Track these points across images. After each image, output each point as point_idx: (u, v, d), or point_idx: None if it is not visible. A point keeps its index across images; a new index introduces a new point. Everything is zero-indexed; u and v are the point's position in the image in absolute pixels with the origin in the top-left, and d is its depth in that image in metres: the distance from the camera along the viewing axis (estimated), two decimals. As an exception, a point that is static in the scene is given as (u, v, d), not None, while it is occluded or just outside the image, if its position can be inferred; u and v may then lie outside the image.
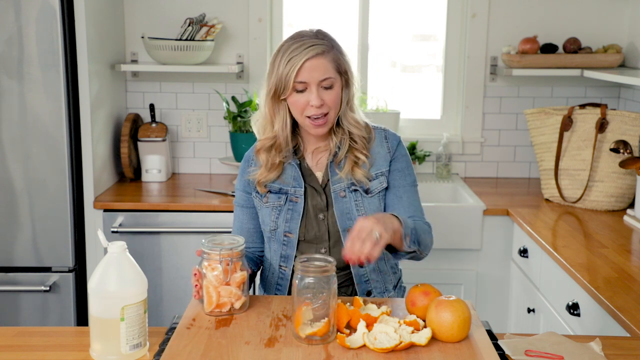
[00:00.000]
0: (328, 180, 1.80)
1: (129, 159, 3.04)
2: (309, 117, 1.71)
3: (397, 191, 1.82)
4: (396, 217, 1.63)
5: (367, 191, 1.79)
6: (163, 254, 2.78)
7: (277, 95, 1.72)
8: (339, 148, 1.79)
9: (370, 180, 1.79)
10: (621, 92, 3.22)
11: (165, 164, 3.14)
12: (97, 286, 1.36)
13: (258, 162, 1.82)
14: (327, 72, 1.69)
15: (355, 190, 1.79)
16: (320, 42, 1.70)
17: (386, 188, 1.82)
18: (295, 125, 1.81)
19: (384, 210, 1.81)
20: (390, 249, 1.70)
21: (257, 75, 3.23)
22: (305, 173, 1.82)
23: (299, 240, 1.80)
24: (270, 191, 1.81)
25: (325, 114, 1.72)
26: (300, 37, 1.71)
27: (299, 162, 1.82)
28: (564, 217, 2.67)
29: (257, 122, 1.82)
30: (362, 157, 1.78)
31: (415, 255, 1.76)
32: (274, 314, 1.57)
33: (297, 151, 1.84)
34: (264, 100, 1.77)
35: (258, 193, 1.83)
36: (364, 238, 1.50)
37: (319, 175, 1.82)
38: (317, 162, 1.83)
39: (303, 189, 1.79)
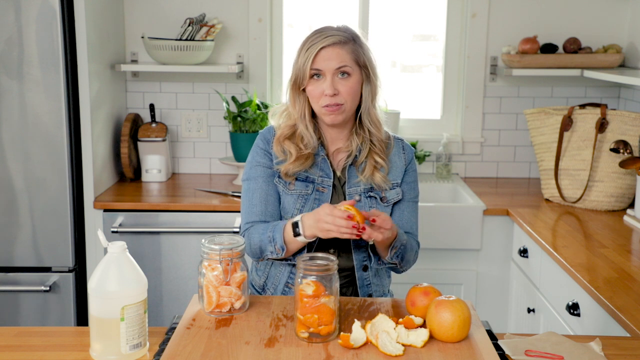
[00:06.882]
0: (345, 182, 1.80)
1: (129, 159, 3.04)
2: (324, 106, 1.72)
3: (401, 204, 1.83)
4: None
5: (382, 199, 1.79)
6: (163, 254, 2.78)
7: (298, 85, 1.74)
8: (359, 151, 1.79)
9: (389, 188, 1.80)
10: (621, 92, 3.22)
11: (165, 164, 3.14)
12: (97, 286, 1.36)
13: (283, 151, 1.77)
14: (343, 61, 1.70)
15: (372, 197, 1.79)
16: (339, 34, 1.71)
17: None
18: (316, 121, 1.80)
19: None
20: (373, 251, 1.77)
21: (257, 75, 3.23)
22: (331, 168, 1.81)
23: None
24: (296, 178, 1.78)
25: (340, 104, 1.71)
26: (322, 29, 1.73)
27: (326, 153, 1.80)
28: (564, 217, 2.67)
29: (277, 113, 1.82)
30: (381, 160, 1.79)
31: (395, 268, 1.81)
32: (274, 314, 1.57)
33: (323, 146, 1.82)
34: (286, 90, 1.79)
35: (281, 179, 1.78)
36: (387, 227, 1.61)
37: (338, 175, 1.82)
38: (337, 162, 1.83)
39: (332, 180, 1.78)
